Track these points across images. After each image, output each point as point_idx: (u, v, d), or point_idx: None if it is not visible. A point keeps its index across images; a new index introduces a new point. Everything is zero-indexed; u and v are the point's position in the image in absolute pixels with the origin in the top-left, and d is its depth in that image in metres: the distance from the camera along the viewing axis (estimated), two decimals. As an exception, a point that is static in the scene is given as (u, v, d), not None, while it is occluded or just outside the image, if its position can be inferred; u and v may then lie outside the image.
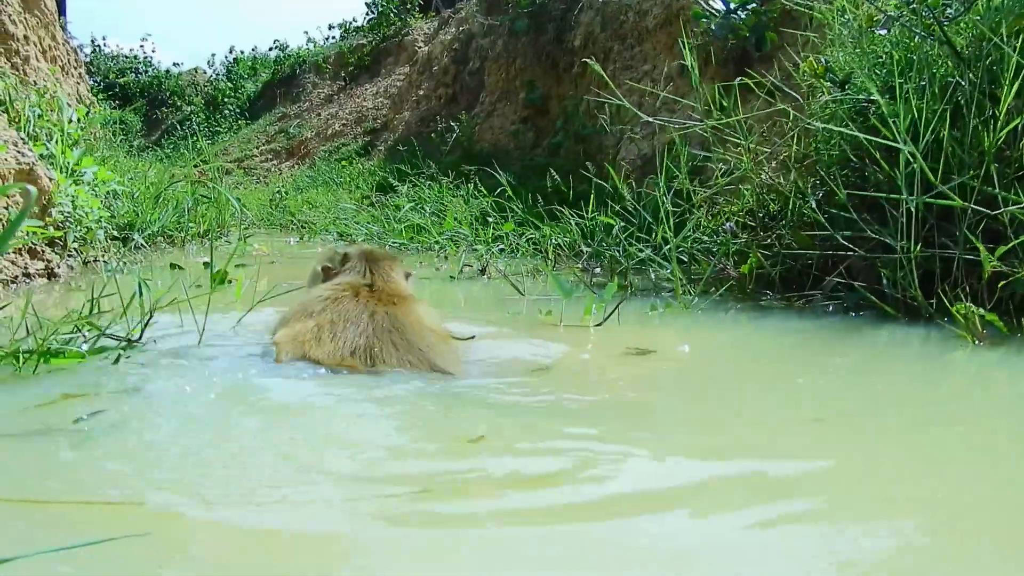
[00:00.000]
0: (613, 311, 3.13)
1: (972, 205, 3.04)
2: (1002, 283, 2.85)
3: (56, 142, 5.62)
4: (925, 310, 3.15)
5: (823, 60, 4.09)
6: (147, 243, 6.58)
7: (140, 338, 2.42)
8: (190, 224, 7.15)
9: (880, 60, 3.83)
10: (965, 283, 3.14)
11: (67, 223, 4.82)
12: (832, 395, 2.16)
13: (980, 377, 2.41)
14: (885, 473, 1.52)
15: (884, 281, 3.31)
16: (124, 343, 2.34)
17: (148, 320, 2.46)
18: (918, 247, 3.19)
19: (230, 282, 3.49)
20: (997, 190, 3.08)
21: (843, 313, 3.42)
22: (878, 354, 2.76)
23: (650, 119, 4.09)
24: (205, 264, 5.59)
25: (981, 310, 2.69)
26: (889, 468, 1.55)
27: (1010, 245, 2.85)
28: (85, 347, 2.29)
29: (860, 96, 3.82)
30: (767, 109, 4.12)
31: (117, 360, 2.20)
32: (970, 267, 3.19)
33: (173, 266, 5.09)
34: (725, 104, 4.49)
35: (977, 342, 2.65)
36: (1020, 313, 2.90)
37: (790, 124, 4.13)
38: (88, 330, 2.34)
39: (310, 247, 7.43)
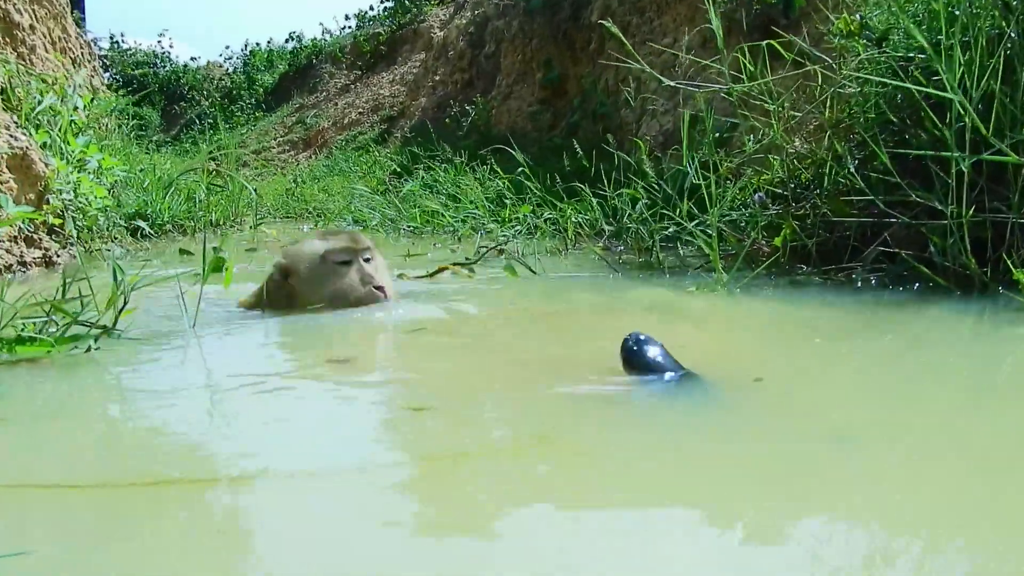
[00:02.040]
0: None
1: (1027, 162, 2.77)
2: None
3: (60, 129, 5.47)
4: (979, 280, 2.88)
5: (858, 17, 3.82)
6: (157, 232, 6.42)
7: (115, 325, 2.24)
8: (201, 213, 6.99)
9: (920, 16, 3.55)
10: (1021, 250, 2.88)
11: (68, 211, 4.66)
12: (881, 382, 1.92)
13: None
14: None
15: (932, 249, 3.05)
16: (99, 331, 2.16)
17: (123, 308, 2.27)
18: (970, 211, 2.93)
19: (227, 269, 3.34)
20: (1055, 147, 2.80)
21: (885, 287, 3.16)
22: (931, 329, 2.50)
23: (673, 83, 3.84)
24: (214, 249, 5.44)
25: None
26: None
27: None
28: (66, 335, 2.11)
29: (899, 53, 3.55)
30: (797, 71, 3.85)
31: (88, 350, 2.02)
32: (1026, 232, 2.92)
33: (182, 252, 4.92)
34: (752, 69, 4.22)
35: None
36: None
37: (821, 87, 3.86)
38: (61, 317, 2.15)
39: (323, 233, 7.25)
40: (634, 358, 1.76)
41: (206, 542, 1.02)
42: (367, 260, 2.92)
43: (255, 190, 9.93)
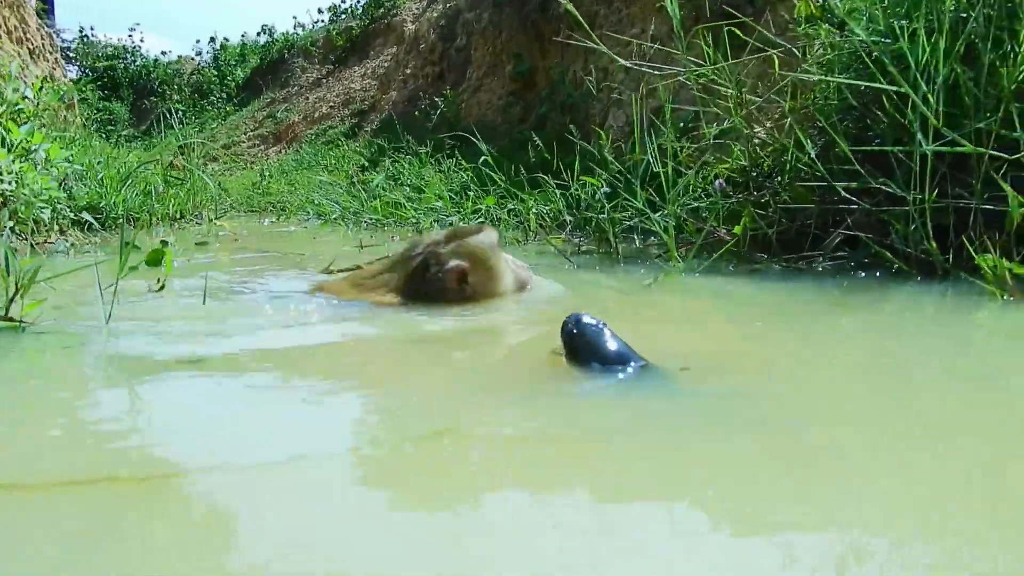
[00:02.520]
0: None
1: (991, 151, 2.68)
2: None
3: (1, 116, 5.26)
4: (941, 265, 2.80)
5: (820, 0, 3.73)
6: (110, 226, 6.23)
7: (7, 314, 2.09)
8: (156, 206, 6.80)
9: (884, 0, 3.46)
10: (983, 236, 2.79)
11: (9, 202, 4.47)
12: (848, 362, 1.82)
13: (1014, 335, 2.06)
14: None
15: (893, 235, 2.96)
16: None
17: (14, 296, 2.12)
18: (932, 196, 2.84)
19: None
20: (1020, 132, 2.72)
21: (847, 274, 3.07)
22: (894, 313, 2.41)
23: (630, 63, 3.73)
24: (163, 243, 5.27)
25: (1007, 263, 2.34)
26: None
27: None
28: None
29: (861, 37, 3.46)
30: (759, 55, 3.76)
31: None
32: (988, 218, 2.84)
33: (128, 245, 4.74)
34: (712, 55, 4.12)
35: (1007, 298, 2.30)
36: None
37: (783, 74, 3.76)
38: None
39: (282, 227, 7.10)
40: (579, 344, 1.60)
41: (179, 538, 0.90)
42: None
43: (219, 184, 9.74)
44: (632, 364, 1.56)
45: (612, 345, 1.59)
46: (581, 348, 1.59)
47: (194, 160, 9.96)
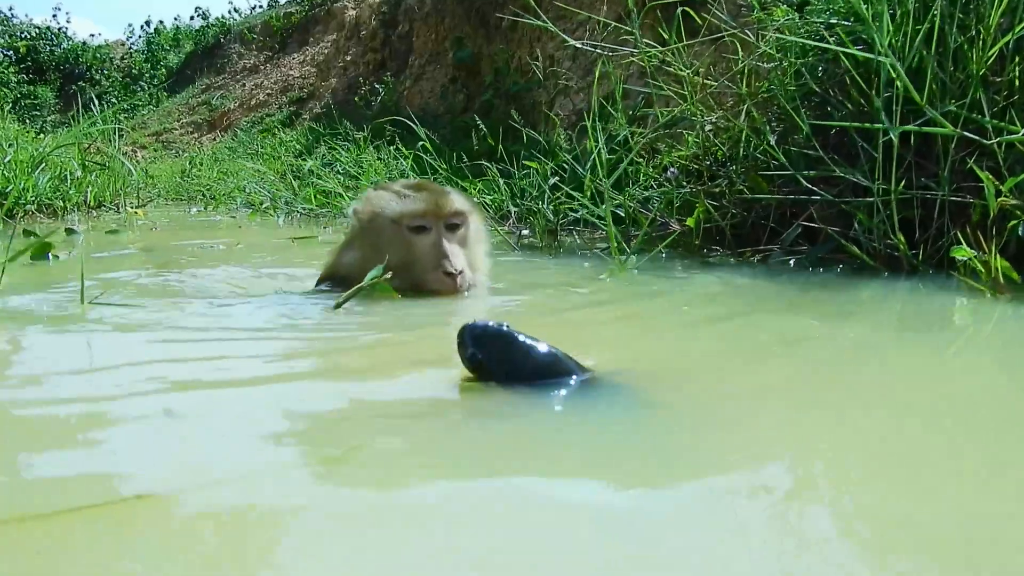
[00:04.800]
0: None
1: (964, 133, 2.51)
2: (1012, 223, 2.32)
3: None
4: (908, 260, 2.62)
5: (777, -19, 3.54)
6: (21, 213, 5.76)
7: None
8: (71, 192, 6.34)
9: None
10: (952, 229, 2.63)
11: None
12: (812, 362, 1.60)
13: (1004, 337, 1.87)
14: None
15: (857, 228, 2.77)
16: None
17: None
18: (899, 186, 2.66)
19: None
20: (987, 118, 2.56)
21: (805, 269, 2.88)
22: (858, 311, 2.21)
23: (579, 44, 3.49)
24: (67, 231, 4.86)
25: (987, 256, 2.16)
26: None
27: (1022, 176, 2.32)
28: None
29: (821, 19, 3.28)
30: (713, 36, 3.55)
31: None
32: (956, 210, 2.68)
33: (27, 233, 4.34)
34: (666, 37, 3.91)
35: (1000, 296, 2.10)
36: (1020, 260, 2.39)
37: (739, 59, 3.57)
38: None
39: (207, 215, 6.69)
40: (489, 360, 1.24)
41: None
42: (452, 228, 2.23)
43: (145, 171, 9.25)
44: (575, 377, 1.29)
45: (538, 355, 1.27)
46: (493, 365, 1.27)
47: (118, 146, 9.43)
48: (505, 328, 1.28)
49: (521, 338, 1.28)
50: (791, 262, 2.97)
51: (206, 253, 3.61)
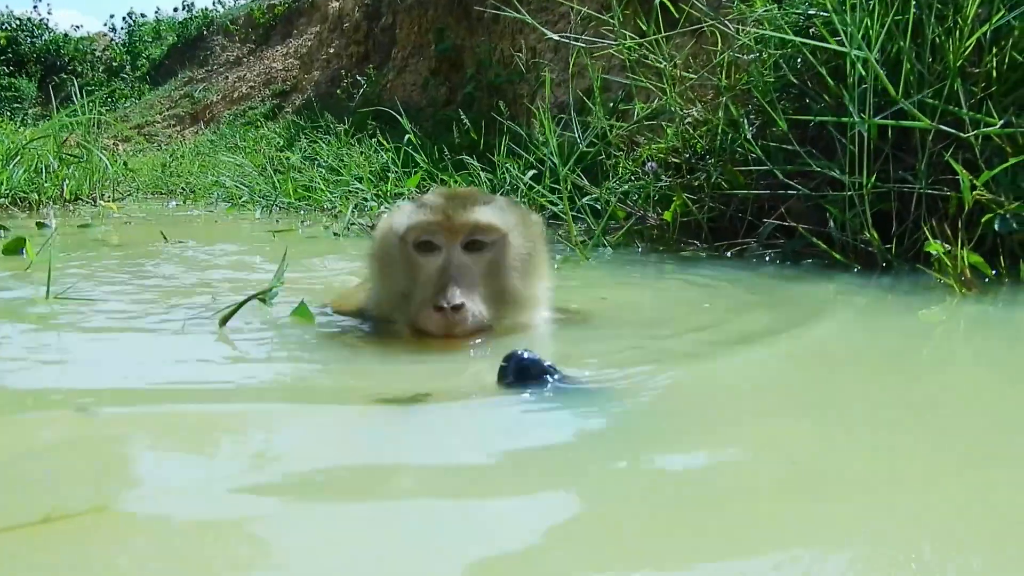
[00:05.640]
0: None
1: (939, 126, 2.49)
2: (987, 217, 2.30)
3: None
4: (882, 255, 2.60)
5: (756, -27, 3.51)
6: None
7: None
8: (46, 185, 6.25)
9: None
10: (928, 222, 2.61)
11: None
12: (774, 358, 1.57)
13: (971, 335, 1.85)
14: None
15: (832, 223, 2.75)
16: None
17: None
18: (872, 180, 2.64)
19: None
20: (964, 111, 2.54)
21: (781, 263, 2.85)
22: (829, 305, 2.18)
23: (557, 36, 3.45)
24: (38, 224, 4.78)
25: (962, 251, 2.14)
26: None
27: (999, 169, 2.30)
28: None
29: (799, 11, 3.26)
30: (693, 28, 3.52)
31: None
32: (933, 204, 2.66)
33: (-1, 227, 4.27)
34: (646, 29, 3.87)
35: (967, 291, 2.09)
36: (995, 255, 2.38)
37: (719, 51, 3.54)
38: None
39: (185, 210, 6.62)
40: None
41: None
42: (473, 248, 1.67)
43: (124, 164, 9.14)
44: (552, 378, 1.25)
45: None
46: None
47: (98, 139, 9.32)
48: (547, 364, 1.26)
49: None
50: (767, 256, 2.94)
51: (172, 250, 3.55)
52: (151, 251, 3.49)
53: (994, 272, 2.31)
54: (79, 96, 8.48)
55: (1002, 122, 2.45)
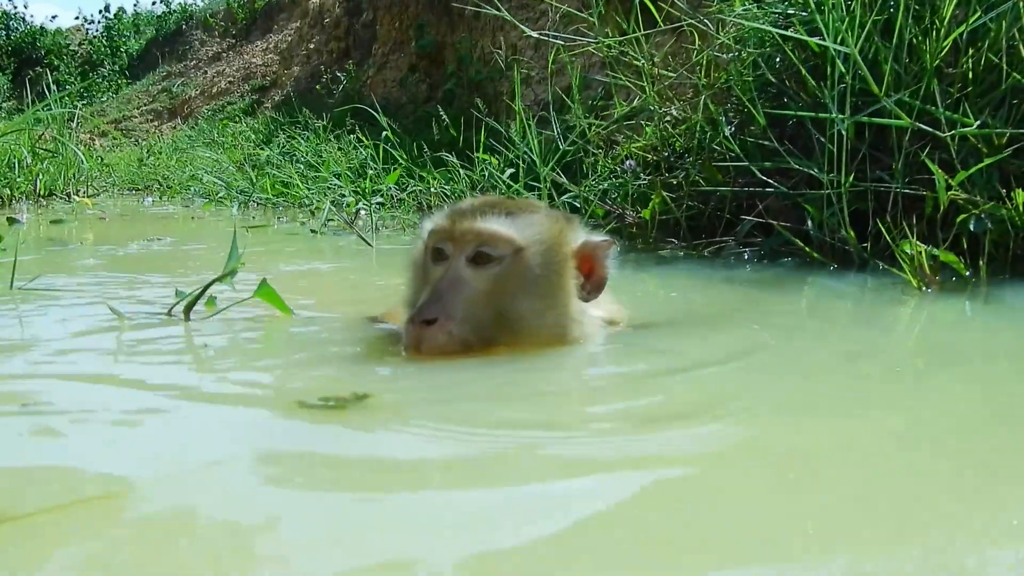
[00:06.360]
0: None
1: (917, 124, 2.49)
2: (962, 216, 2.31)
3: None
4: (858, 254, 2.60)
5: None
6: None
7: None
8: (19, 180, 6.15)
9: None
10: (904, 222, 2.61)
11: None
12: (744, 363, 1.56)
13: (933, 331, 1.86)
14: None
15: (809, 222, 2.75)
16: None
17: None
18: (850, 179, 2.64)
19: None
20: (941, 110, 2.54)
21: (759, 262, 2.85)
22: (806, 306, 2.18)
23: (537, 34, 3.44)
24: (9, 220, 4.71)
25: (935, 249, 2.15)
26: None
27: (974, 169, 2.31)
28: None
29: (778, 10, 3.26)
30: (673, 26, 3.51)
31: None
32: (909, 203, 2.66)
33: (-32, 223, 4.19)
34: (625, 27, 3.86)
35: (926, 288, 2.10)
36: (972, 255, 2.39)
37: (698, 49, 3.54)
38: None
39: (161, 206, 6.55)
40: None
41: None
42: (479, 261, 1.53)
43: (100, 159, 9.04)
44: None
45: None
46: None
47: (74, 133, 9.20)
48: None
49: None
50: (745, 254, 2.94)
51: (146, 246, 3.50)
52: (124, 247, 3.44)
53: (969, 273, 2.32)
54: (54, 90, 8.35)
55: (978, 123, 2.47)
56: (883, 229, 2.48)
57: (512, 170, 4.18)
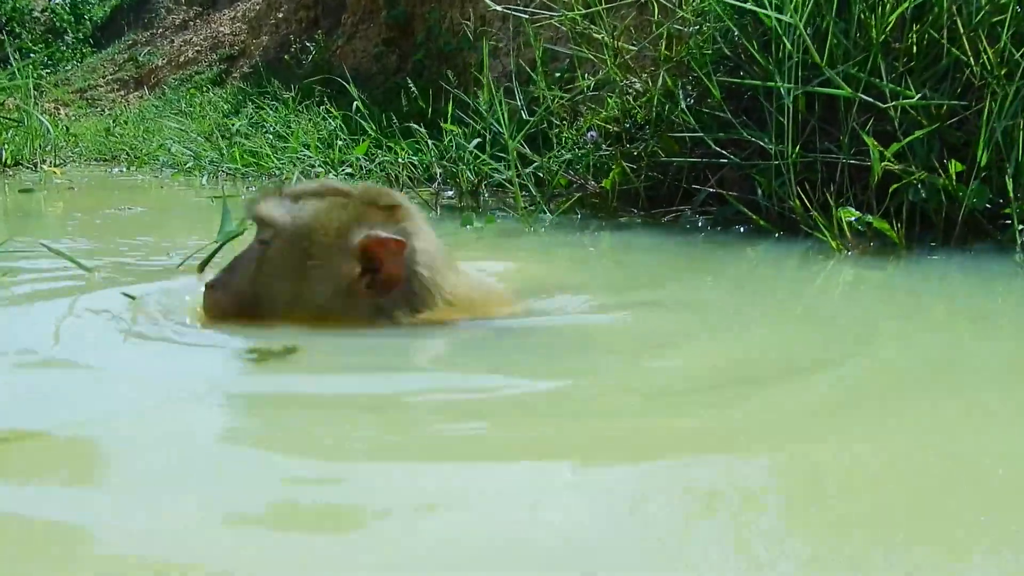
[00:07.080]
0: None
1: (860, 95, 2.61)
2: (894, 186, 2.43)
3: None
4: (804, 222, 2.73)
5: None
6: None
7: None
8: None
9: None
10: (850, 191, 2.74)
11: None
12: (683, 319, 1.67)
13: (840, 287, 2.00)
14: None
15: (759, 192, 2.87)
16: None
17: None
18: (797, 149, 2.76)
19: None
20: (885, 83, 2.66)
21: (713, 229, 2.97)
22: (746, 271, 2.30)
23: (501, 7, 3.49)
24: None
25: (869, 216, 2.27)
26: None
27: (907, 140, 2.43)
28: None
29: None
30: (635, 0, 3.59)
31: None
32: (856, 173, 2.79)
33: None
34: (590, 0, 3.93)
35: (847, 252, 2.25)
36: (911, 224, 2.52)
37: (658, 22, 3.62)
38: None
39: (130, 175, 6.53)
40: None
41: None
42: (262, 241, 1.60)
43: (67, 129, 8.94)
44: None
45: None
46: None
47: (36, 102, 9.07)
48: None
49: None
50: (700, 223, 3.05)
51: (115, 216, 3.54)
52: (93, 215, 3.47)
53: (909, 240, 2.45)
54: (17, 59, 8.22)
55: (919, 95, 2.58)
56: (829, 197, 2.60)
57: (479, 140, 4.25)
